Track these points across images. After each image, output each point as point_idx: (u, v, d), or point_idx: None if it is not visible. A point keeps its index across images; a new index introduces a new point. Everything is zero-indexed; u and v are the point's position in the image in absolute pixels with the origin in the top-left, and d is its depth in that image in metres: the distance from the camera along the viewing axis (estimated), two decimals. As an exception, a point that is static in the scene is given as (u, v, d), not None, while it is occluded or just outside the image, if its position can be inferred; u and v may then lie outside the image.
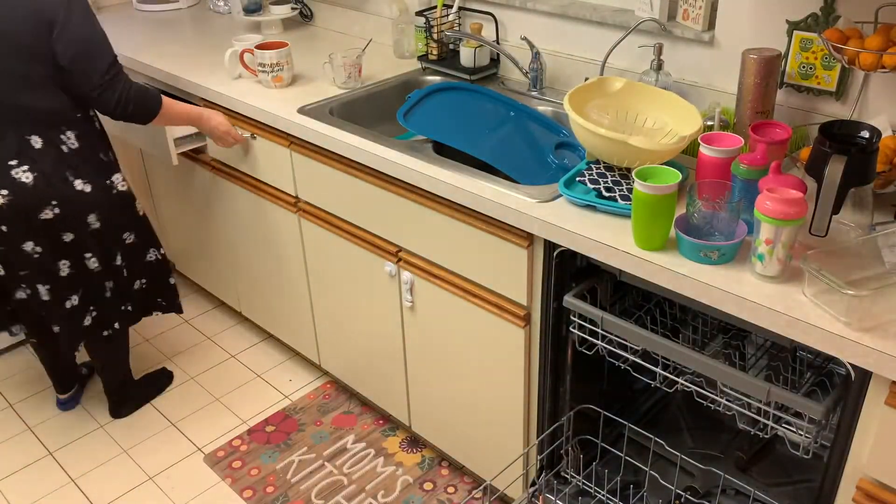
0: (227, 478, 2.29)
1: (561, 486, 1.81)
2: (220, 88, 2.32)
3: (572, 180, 1.65)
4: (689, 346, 1.50)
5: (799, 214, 1.28)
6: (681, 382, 1.53)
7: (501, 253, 1.72)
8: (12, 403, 2.61)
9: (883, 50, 1.51)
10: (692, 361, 1.44)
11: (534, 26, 2.25)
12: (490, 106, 2.06)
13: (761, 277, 1.35)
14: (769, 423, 1.40)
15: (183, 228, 2.93)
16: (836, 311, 1.25)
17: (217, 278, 2.87)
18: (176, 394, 2.63)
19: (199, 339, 2.89)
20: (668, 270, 1.40)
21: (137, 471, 2.34)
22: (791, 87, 1.78)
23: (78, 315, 2.21)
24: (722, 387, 1.46)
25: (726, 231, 1.40)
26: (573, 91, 1.71)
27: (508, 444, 1.96)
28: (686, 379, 1.53)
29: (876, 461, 1.28)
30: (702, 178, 1.54)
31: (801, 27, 1.72)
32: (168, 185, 2.87)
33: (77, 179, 2.05)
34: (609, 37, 2.08)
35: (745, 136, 1.66)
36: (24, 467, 2.36)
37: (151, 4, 3.18)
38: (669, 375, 1.56)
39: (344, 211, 2.11)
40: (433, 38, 2.35)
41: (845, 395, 1.31)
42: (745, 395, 1.42)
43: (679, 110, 1.72)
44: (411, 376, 2.18)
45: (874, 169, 1.34)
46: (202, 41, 2.77)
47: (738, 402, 1.45)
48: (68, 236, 2.09)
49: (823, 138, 1.34)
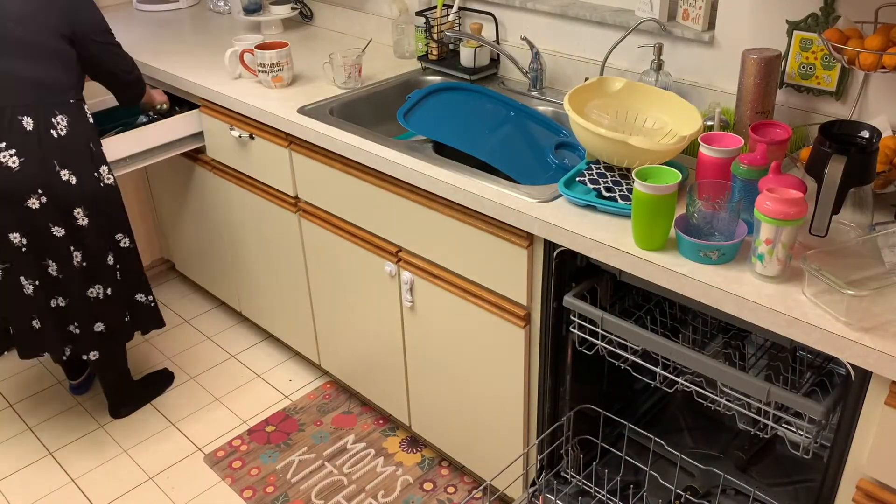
0: (227, 478, 2.29)
1: (561, 487, 1.81)
2: (220, 88, 2.32)
3: (572, 180, 1.65)
4: (689, 346, 1.50)
5: (799, 214, 1.28)
6: (681, 382, 1.54)
7: (501, 253, 1.72)
8: (12, 403, 2.61)
9: (883, 50, 1.51)
10: (692, 361, 1.44)
11: (534, 26, 2.25)
12: (490, 106, 2.06)
13: (761, 277, 1.35)
14: (769, 423, 1.40)
15: (183, 228, 2.93)
16: (836, 311, 1.25)
17: (217, 278, 2.87)
18: (176, 394, 2.63)
19: (199, 339, 2.89)
20: (668, 270, 1.40)
21: (137, 471, 2.34)
22: (791, 87, 1.78)
23: (61, 317, 2.18)
24: (722, 387, 1.46)
25: (726, 231, 1.40)
26: (573, 91, 1.71)
27: (508, 444, 1.96)
28: (686, 379, 1.53)
29: (876, 461, 1.28)
30: (702, 178, 1.54)
31: (801, 27, 1.72)
32: (168, 185, 2.87)
33: (63, 169, 2.03)
34: (609, 37, 2.08)
35: (745, 136, 1.66)
36: (24, 467, 2.36)
37: (151, 4, 3.18)
38: (669, 375, 1.56)
39: (344, 211, 2.11)
40: (433, 38, 2.35)
41: (845, 394, 1.31)
42: (745, 395, 1.42)
43: (679, 110, 1.72)
44: (411, 376, 2.18)
45: (874, 169, 1.34)
46: (202, 41, 2.77)
47: (737, 402, 1.45)
48: (57, 230, 2.06)
49: (823, 138, 1.34)
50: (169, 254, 3.14)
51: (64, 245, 2.08)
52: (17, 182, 1.98)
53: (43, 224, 2.04)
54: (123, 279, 2.26)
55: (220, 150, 2.46)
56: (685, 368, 1.51)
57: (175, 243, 3.05)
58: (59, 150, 2.03)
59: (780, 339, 1.37)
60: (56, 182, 2.02)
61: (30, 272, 2.09)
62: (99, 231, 2.14)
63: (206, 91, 2.36)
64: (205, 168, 2.58)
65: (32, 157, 1.99)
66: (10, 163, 1.95)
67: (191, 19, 3.07)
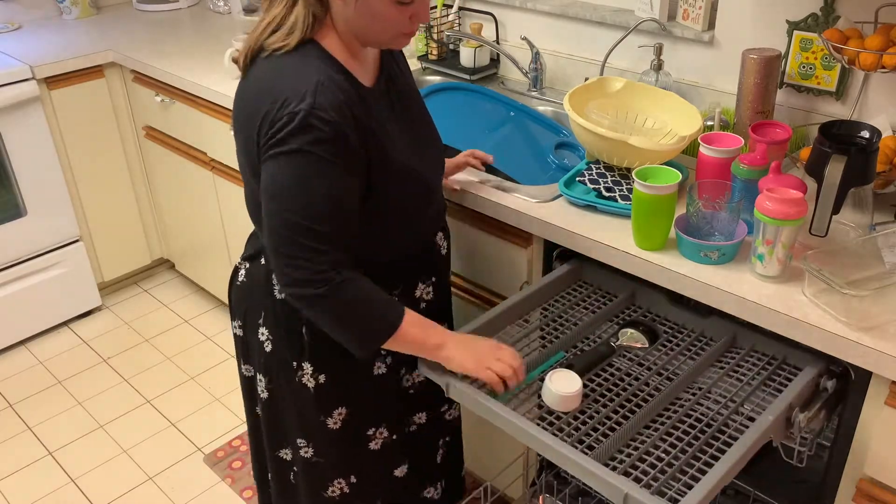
0: (227, 478, 2.29)
1: (561, 486, 1.81)
2: (220, 88, 2.32)
3: (572, 180, 1.65)
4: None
5: (799, 214, 1.28)
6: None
7: (501, 253, 1.72)
8: (12, 403, 2.61)
9: (883, 50, 1.51)
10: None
11: (534, 26, 2.25)
12: (490, 106, 2.05)
13: (761, 277, 1.35)
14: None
15: (183, 228, 2.93)
16: (835, 311, 1.25)
17: (217, 278, 2.87)
18: (176, 394, 2.63)
19: (199, 339, 2.89)
20: (668, 270, 1.40)
21: (137, 471, 2.34)
22: (791, 87, 1.78)
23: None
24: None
25: (726, 231, 1.40)
26: (573, 91, 1.71)
27: (508, 444, 1.95)
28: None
29: (876, 461, 1.28)
30: (702, 178, 1.54)
31: (801, 27, 1.72)
32: (168, 184, 2.87)
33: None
34: (609, 37, 2.08)
35: (745, 136, 1.66)
36: (24, 467, 2.36)
37: (151, 4, 3.18)
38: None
39: (344, 211, 2.11)
40: (433, 38, 2.35)
41: (844, 397, 1.31)
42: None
43: (679, 110, 1.72)
44: (411, 376, 2.17)
45: (874, 169, 1.34)
46: (202, 41, 2.77)
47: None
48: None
49: (823, 138, 1.34)
50: (169, 254, 3.14)
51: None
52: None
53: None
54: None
55: (220, 151, 2.46)
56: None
57: (175, 243, 3.05)
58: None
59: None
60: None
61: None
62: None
63: (206, 91, 2.36)
64: (205, 168, 2.58)
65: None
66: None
67: (190, 19, 3.07)
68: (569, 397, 1.27)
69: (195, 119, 2.50)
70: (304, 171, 1.20)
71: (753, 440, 1.17)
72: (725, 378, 1.37)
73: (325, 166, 1.20)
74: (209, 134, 2.48)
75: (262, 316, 1.46)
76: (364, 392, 1.48)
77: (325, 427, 1.49)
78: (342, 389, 1.47)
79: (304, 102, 1.18)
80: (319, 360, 1.43)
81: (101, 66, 2.72)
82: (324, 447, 1.52)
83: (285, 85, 1.21)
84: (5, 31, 2.93)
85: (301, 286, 1.24)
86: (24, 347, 2.87)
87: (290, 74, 1.22)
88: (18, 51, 2.71)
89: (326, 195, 1.21)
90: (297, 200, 1.21)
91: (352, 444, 1.52)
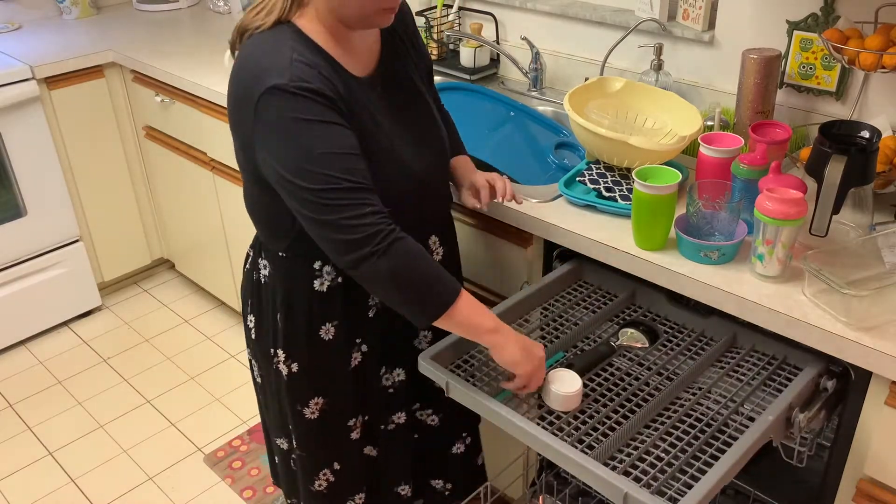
0: (227, 478, 2.29)
1: (561, 486, 1.81)
2: (220, 88, 2.32)
3: (572, 180, 1.65)
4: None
5: (799, 214, 1.28)
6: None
7: (501, 253, 1.72)
8: (12, 403, 2.61)
9: (883, 50, 1.51)
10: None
11: (534, 26, 2.25)
12: (490, 106, 2.05)
13: (761, 277, 1.35)
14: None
15: (183, 228, 2.93)
16: (835, 311, 1.25)
17: (217, 278, 2.87)
18: (176, 394, 2.63)
19: (199, 339, 2.89)
20: (668, 270, 1.40)
21: (137, 471, 2.34)
22: (791, 87, 1.78)
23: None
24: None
25: (726, 231, 1.40)
26: (573, 91, 1.71)
27: (508, 444, 1.95)
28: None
29: (876, 461, 1.28)
30: (702, 178, 1.54)
31: (801, 27, 1.72)
32: (168, 184, 2.87)
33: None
34: (609, 37, 2.08)
35: (745, 136, 1.66)
36: (24, 467, 2.36)
37: (151, 4, 3.18)
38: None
39: (344, 211, 2.11)
40: (433, 38, 2.35)
41: (844, 397, 1.31)
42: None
43: (679, 110, 1.72)
44: (411, 376, 2.17)
45: (874, 169, 1.34)
46: (202, 41, 2.77)
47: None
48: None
49: (823, 138, 1.34)
50: (169, 254, 3.14)
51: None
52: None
53: None
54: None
55: (220, 150, 2.46)
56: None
57: (175, 243, 3.05)
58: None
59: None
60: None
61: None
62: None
63: (206, 91, 2.36)
64: (205, 168, 2.58)
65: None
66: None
67: (190, 19, 3.07)
68: (569, 397, 1.27)
69: (195, 119, 2.51)
70: (304, 139, 1.18)
71: (753, 440, 1.17)
72: (725, 378, 1.37)
73: (322, 129, 1.19)
74: (209, 134, 2.49)
75: (249, 303, 1.49)
76: (339, 383, 1.48)
77: (303, 416, 1.49)
78: (315, 379, 1.47)
79: (283, 77, 1.18)
80: (291, 349, 1.44)
81: (101, 66, 2.72)
82: (303, 437, 1.53)
83: (262, 61, 1.21)
84: (5, 31, 2.93)
85: (359, 247, 1.19)
86: (24, 347, 2.87)
87: (267, 51, 1.22)
88: (18, 51, 2.71)
89: (333, 154, 1.18)
90: (309, 168, 1.18)
91: (332, 435, 1.53)
